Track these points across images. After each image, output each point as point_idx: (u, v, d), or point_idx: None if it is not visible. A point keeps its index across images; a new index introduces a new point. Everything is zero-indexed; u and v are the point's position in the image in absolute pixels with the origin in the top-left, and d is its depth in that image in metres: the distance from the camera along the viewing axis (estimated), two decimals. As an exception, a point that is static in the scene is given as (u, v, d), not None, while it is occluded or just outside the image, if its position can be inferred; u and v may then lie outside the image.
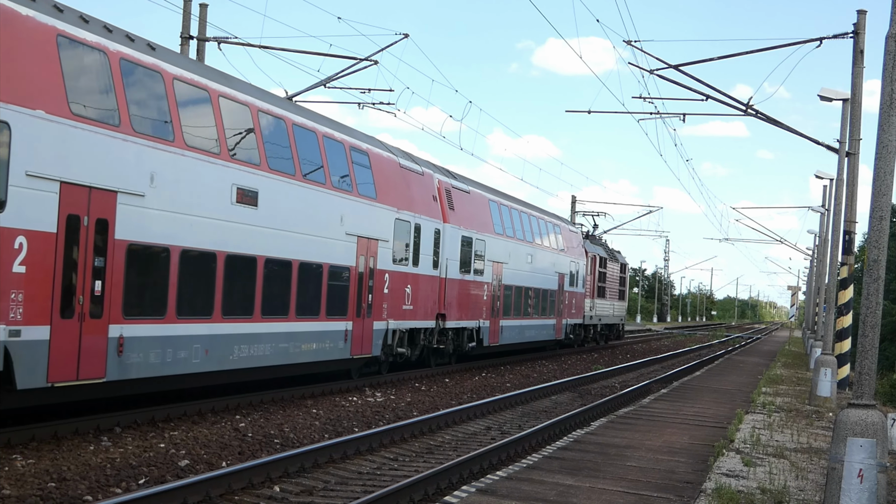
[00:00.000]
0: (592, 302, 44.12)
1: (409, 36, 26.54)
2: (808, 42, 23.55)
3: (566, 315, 39.57)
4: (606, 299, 47.23)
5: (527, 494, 10.12)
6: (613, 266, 49.29)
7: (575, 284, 40.73)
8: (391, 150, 23.77)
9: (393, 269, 22.75)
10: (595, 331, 46.24)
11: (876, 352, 8.56)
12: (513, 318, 32.36)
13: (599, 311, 45.71)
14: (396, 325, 23.01)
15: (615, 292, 49.57)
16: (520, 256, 33.01)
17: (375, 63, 26.27)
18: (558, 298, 38.11)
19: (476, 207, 29.21)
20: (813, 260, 60.36)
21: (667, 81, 25.28)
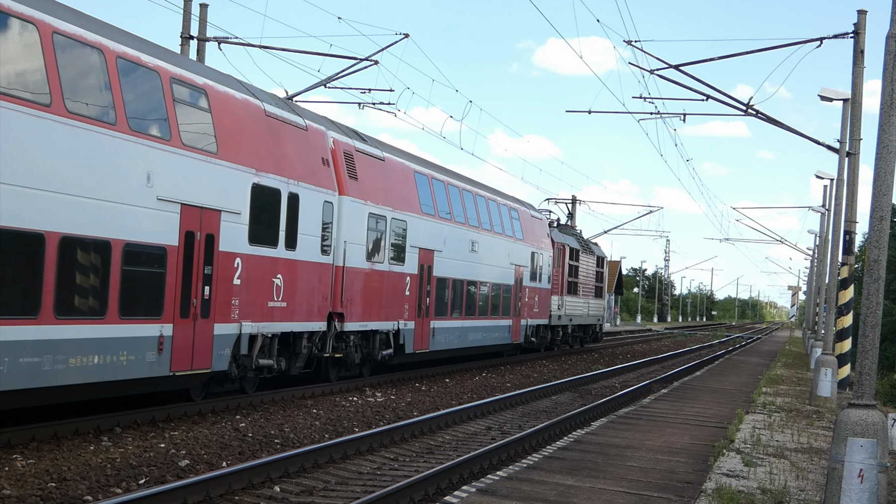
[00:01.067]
0: (561, 300, 38.07)
1: (409, 36, 26.55)
2: (809, 42, 23.55)
3: (526, 314, 33.88)
4: (579, 296, 40.98)
5: (527, 494, 10.12)
6: (588, 259, 42.72)
7: (538, 279, 35.05)
8: (254, 93, 17.70)
9: (249, 251, 16.64)
10: (565, 332, 40.05)
11: (876, 352, 8.56)
12: (450, 318, 26.94)
13: (570, 309, 39.65)
14: (256, 327, 16.88)
15: (590, 289, 43.18)
16: (460, 244, 27.52)
17: (376, 63, 26.28)
18: (515, 295, 32.36)
19: (394, 179, 23.35)
20: (813, 260, 60.37)
21: (667, 81, 25.29)
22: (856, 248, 25.93)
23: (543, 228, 36.66)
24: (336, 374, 21.26)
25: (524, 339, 33.90)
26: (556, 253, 37.61)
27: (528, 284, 33.76)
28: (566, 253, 38.94)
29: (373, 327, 21.97)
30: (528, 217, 34.81)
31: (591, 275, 43.23)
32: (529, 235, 34.27)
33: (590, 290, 43.16)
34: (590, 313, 43.45)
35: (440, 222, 26.06)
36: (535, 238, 35.07)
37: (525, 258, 33.48)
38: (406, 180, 24.20)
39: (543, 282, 35.79)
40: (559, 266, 37.92)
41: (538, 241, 35.36)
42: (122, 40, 14.06)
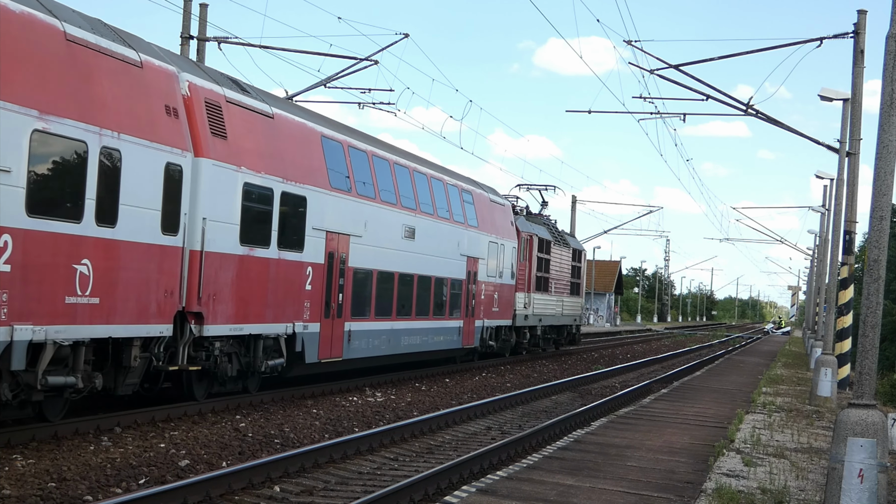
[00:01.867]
0: (528, 297, 33.23)
1: (409, 36, 26.58)
2: (809, 42, 23.57)
3: (483, 314, 29.04)
4: (551, 294, 36.18)
5: (527, 494, 10.12)
6: (562, 252, 37.93)
7: (499, 274, 30.21)
8: (52, 10, 12.76)
9: (28, 225, 11.73)
10: (534, 334, 35.13)
11: (876, 352, 8.56)
12: (374, 318, 21.87)
13: (540, 308, 34.75)
14: (43, 332, 11.99)
15: (564, 285, 38.39)
16: (389, 228, 22.49)
17: (375, 63, 26.31)
18: (467, 292, 27.46)
19: (288, 143, 18.27)
20: (813, 260, 60.38)
21: (667, 81, 25.31)
22: (856, 248, 25.93)
23: (506, 216, 31.68)
24: (204, 391, 16.50)
25: (480, 343, 29.04)
26: (523, 244, 32.79)
27: (485, 279, 29.02)
28: (534, 244, 33.94)
29: (252, 331, 16.94)
30: (485, 202, 29.79)
31: (565, 270, 38.50)
32: (487, 223, 29.37)
33: (564, 286, 38.47)
34: (564, 312, 38.60)
35: (359, 201, 20.91)
36: (495, 226, 30.13)
37: (481, 249, 28.63)
38: (308, 146, 19.01)
39: (506, 277, 31.00)
40: (526, 259, 33.06)
41: (499, 230, 30.41)
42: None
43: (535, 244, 34.11)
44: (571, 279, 39.72)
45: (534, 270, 33.91)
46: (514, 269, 31.83)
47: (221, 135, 16.06)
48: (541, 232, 35.24)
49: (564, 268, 38.56)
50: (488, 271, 29.39)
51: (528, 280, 33.40)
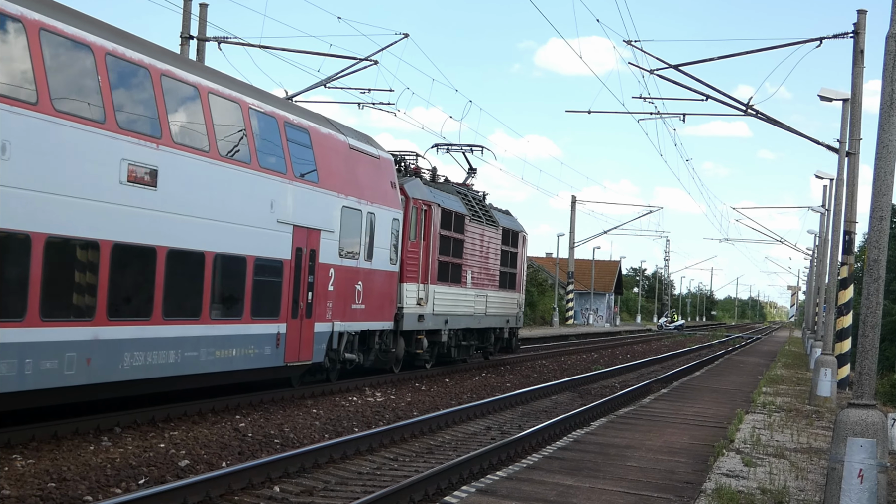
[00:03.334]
0: (425, 290, 24.38)
1: (409, 36, 26.57)
2: (809, 42, 23.58)
3: (332, 314, 19.72)
4: (465, 286, 27.32)
5: (527, 494, 10.12)
6: (485, 232, 28.79)
7: (364, 254, 21.04)
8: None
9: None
10: (436, 341, 25.79)
11: (876, 352, 8.56)
12: (44, 322, 12.25)
13: (445, 306, 25.82)
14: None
15: (490, 276, 29.41)
16: (78, 162, 12.90)
17: (375, 63, 26.31)
18: (295, 279, 18.21)
19: None
20: (813, 260, 60.39)
21: (667, 81, 25.32)
22: (855, 248, 25.94)
23: (383, 174, 22.19)
24: None
25: (329, 356, 19.93)
26: (416, 216, 23.81)
27: (337, 262, 19.86)
28: (435, 218, 24.75)
29: None
30: (336, 149, 20.13)
31: (491, 255, 29.54)
32: (341, 179, 20.05)
33: (489, 278, 29.36)
34: (490, 312, 29.43)
35: None
36: (358, 186, 20.81)
37: (327, 217, 19.39)
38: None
39: (380, 260, 21.87)
40: (422, 238, 24.11)
41: (366, 192, 21.14)
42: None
43: (435, 218, 24.71)
44: (502, 268, 30.57)
45: (434, 254, 24.77)
46: (397, 251, 22.79)
47: None
48: (449, 202, 25.96)
49: (490, 253, 29.36)
50: (343, 250, 20.14)
51: (425, 267, 24.28)
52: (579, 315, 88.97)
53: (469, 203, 28.07)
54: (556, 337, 55.68)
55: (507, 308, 31.32)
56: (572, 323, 77.98)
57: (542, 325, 70.56)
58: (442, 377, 25.67)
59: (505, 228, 30.88)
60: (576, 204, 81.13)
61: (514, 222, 32.48)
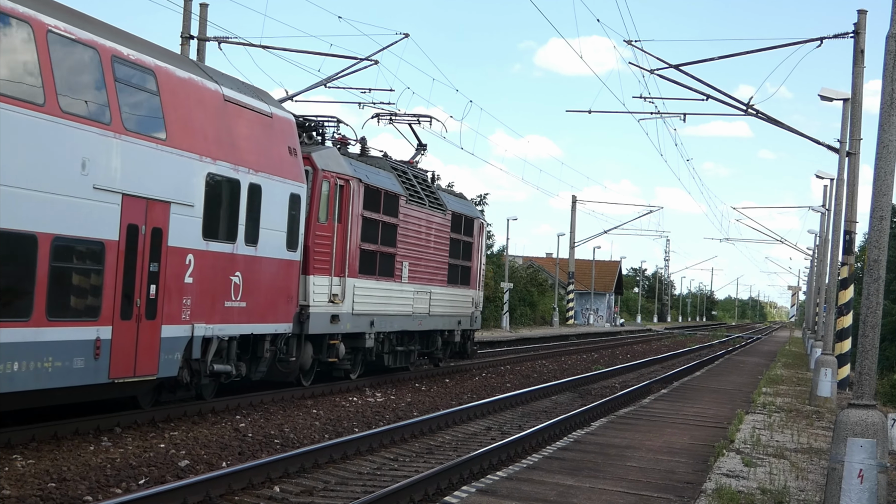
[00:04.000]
0: (341, 284, 19.71)
1: (409, 35, 26.55)
2: (809, 42, 23.59)
3: (193, 314, 15.12)
4: (402, 281, 22.88)
5: (527, 495, 10.12)
6: (429, 217, 24.53)
7: (245, 237, 16.40)
8: None
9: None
10: (359, 347, 21.19)
11: (876, 352, 8.56)
12: None
13: (371, 304, 21.22)
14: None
15: (436, 270, 25.16)
16: None
17: (376, 63, 26.30)
18: (125, 267, 13.53)
19: None
20: (813, 260, 60.40)
21: (667, 81, 25.34)
22: (856, 248, 25.95)
23: (278, 137, 17.47)
24: None
25: (188, 369, 15.27)
26: (328, 193, 19.35)
27: (200, 246, 15.21)
28: (355, 196, 20.12)
29: None
30: (202, 97, 15.56)
31: (437, 245, 25.11)
32: (203, 137, 15.37)
33: (434, 271, 25.04)
34: (434, 311, 25.00)
35: None
36: (235, 149, 16.09)
37: (181, 185, 14.82)
38: None
39: (270, 245, 17.08)
40: (337, 219, 19.52)
41: (246, 157, 16.38)
42: None
43: (356, 196, 20.13)
44: (452, 260, 26.10)
45: (355, 240, 20.27)
46: (297, 235, 18.03)
47: None
48: (378, 179, 21.53)
49: (435, 242, 24.92)
50: (210, 231, 15.36)
51: (341, 256, 19.75)
52: (579, 315, 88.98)
53: (407, 182, 23.59)
54: (556, 337, 55.71)
55: (458, 307, 26.75)
56: (572, 323, 78.00)
57: (543, 325, 70.59)
58: (442, 377, 25.67)
59: (456, 214, 26.26)
60: (576, 204, 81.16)
61: (468, 207, 28.20)
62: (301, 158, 18.37)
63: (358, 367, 21.69)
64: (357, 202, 20.30)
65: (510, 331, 56.87)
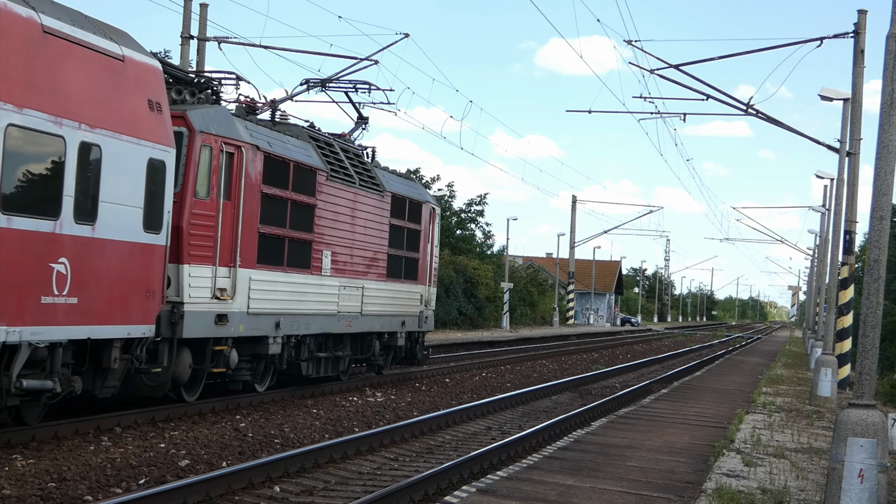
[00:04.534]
0: (232, 276, 16.06)
1: (409, 35, 26.55)
2: (809, 42, 23.60)
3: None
4: (322, 274, 19.08)
5: (527, 494, 10.12)
6: (360, 199, 20.59)
7: (74, 211, 12.17)
8: None
9: None
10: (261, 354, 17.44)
11: (876, 352, 8.56)
12: None
13: (277, 302, 17.58)
14: None
15: (371, 261, 21.23)
16: None
17: (376, 63, 26.28)
18: None
19: None
20: (813, 260, 60.40)
21: (667, 81, 25.34)
22: (856, 248, 25.95)
23: (132, 87, 13.53)
24: None
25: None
26: (209, 161, 15.54)
27: (3, 223, 11.16)
28: (252, 167, 16.48)
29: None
30: None
31: (372, 233, 21.05)
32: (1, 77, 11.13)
33: (368, 263, 21.01)
34: (368, 310, 20.96)
35: None
36: (59, 96, 12.12)
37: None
38: None
39: (117, 223, 13.13)
40: (223, 195, 15.81)
41: (78, 108, 12.41)
42: None
43: (252, 167, 16.39)
44: (394, 251, 22.20)
45: (252, 222, 16.47)
46: (163, 212, 14.12)
47: None
48: (285, 149, 17.66)
49: (369, 228, 20.92)
50: (12, 200, 11.48)
51: (231, 240, 15.95)
52: (579, 315, 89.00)
53: (332, 156, 19.57)
54: (556, 337, 55.73)
55: (401, 305, 22.82)
56: (573, 323, 78.03)
57: (543, 325, 70.61)
58: (442, 377, 25.67)
59: (398, 196, 22.30)
60: (576, 204, 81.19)
61: (414, 189, 24.15)
62: (168, 116, 14.31)
63: (265, 378, 17.89)
64: (254, 175, 16.40)
65: (510, 331, 56.89)
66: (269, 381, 18.10)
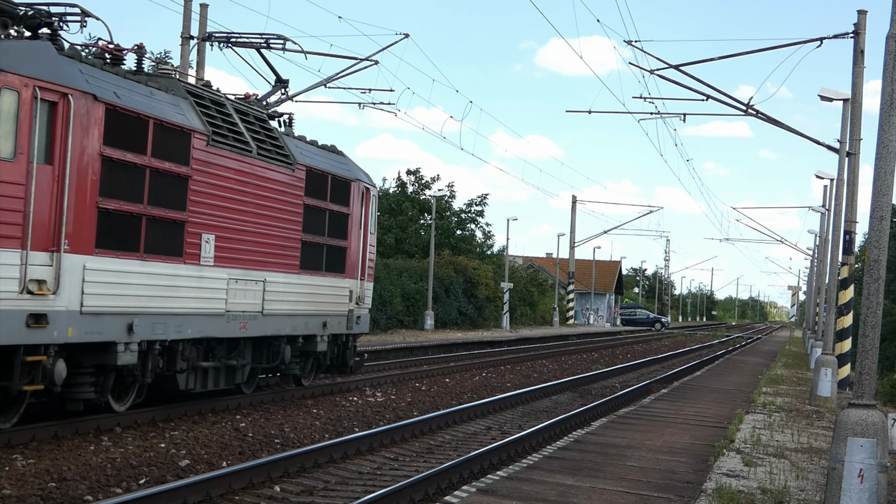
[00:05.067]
0: (54, 264, 11.92)
1: (409, 36, 26.55)
2: (809, 42, 23.61)
3: None
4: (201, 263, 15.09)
5: (527, 494, 10.12)
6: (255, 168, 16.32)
7: None
8: None
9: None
10: (114, 367, 13.34)
11: (876, 352, 8.56)
12: None
13: (136, 298, 13.55)
14: None
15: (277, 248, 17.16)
16: None
17: (376, 63, 26.28)
18: None
19: None
20: (813, 260, 60.39)
21: (667, 81, 25.34)
22: (856, 248, 25.96)
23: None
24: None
25: None
26: (14, 108, 11.48)
27: None
28: (84, 120, 12.43)
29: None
30: None
31: (276, 214, 17.17)
32: None
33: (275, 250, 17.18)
34: (272, 309, 17.10)
35: None
36: None
37: None
38: None
39: None
40: (42, 157, 11.86)
41: None
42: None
43: (87, 121, 12.56)
44: (310, 237, 18.22)
45: (87, 192, 12.62)
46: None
47: None
48: (141, 101, 13.83)
49: (270, 208, 16.92)
50: None
51: (52, 216, 12.08)
52: (580, 315, 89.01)
53: (218, 117, 15.72)
54: (556, 337, 55.73)
55: (322, 303, 18.73)
56: (573, 323, 78.02)
57: (543, 325, 70.61)
58: (442, 377, 25.68)
59: (315, 171, 18.19)
60: (576, 204, 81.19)
61: (341, 165, 19.68)
62: None
63: (126, 396, 14.31)
64: (91, 133, 12.61)
65: (510, 331, 56.90)
66: (133, 398, 14.42)
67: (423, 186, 63.27)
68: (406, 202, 61.55)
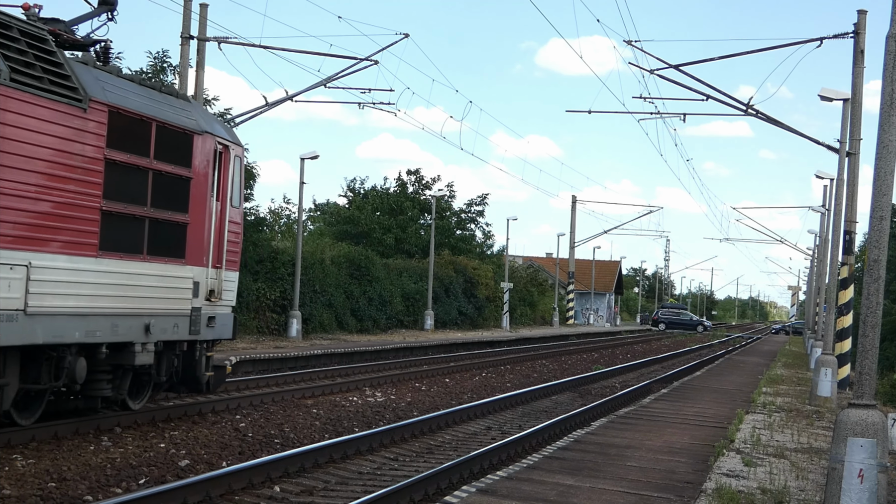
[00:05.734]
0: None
1: (409, 36, 26.56)
2: (809, 42, 23.61)
3: None
4: None
5: (527, 494, 10.12)
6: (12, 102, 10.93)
7: None
8: None
9: None
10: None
11: (876, 352, 8.56)
12: None
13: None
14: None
15: (55, 216, 11.75)
16: None
17: (376, 63, 26.32)
18: None
19: None
20: (813, 260, 60.39)
21: (667, 81, 25.35)
22: (856, 248, 25.95)
23: None
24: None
25: None
26: None
27: None
28: None
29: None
30: None
31: (57, 170, 11.79)
32: None
33: (54, 221, 11.79)
34: (41, 306, 11.60)
35: None
36: None
37: None
38: None
39: None
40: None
41: None
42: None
43: None
44: (117, 206, 12.90)
45: None
46: None
47: None
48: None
49: (38, 161, 11.55)
50: None
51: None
52: (580, 315, 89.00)
53: None
54: (556, 337, 55.73)
55: (144, 298, 13.65)
56: (573, 323, 78.01)
57: (543, 325, 70.60)
58: (442, 377, 25.68)
59: (127, 114, 13.05)
60: (576, 204, 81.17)
61: (179, 111, 14.49)
62: None
63: None
64: None
65: (510, 331, 56.89)
66: None
67: (423, 187, 63.27)
68: (406, 202, 61.56)
